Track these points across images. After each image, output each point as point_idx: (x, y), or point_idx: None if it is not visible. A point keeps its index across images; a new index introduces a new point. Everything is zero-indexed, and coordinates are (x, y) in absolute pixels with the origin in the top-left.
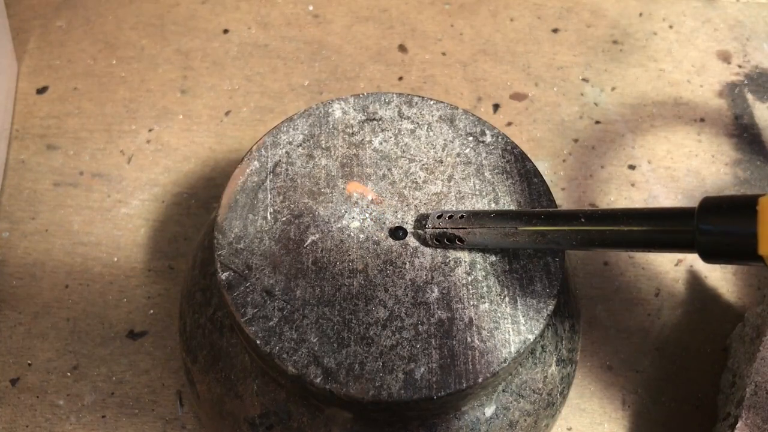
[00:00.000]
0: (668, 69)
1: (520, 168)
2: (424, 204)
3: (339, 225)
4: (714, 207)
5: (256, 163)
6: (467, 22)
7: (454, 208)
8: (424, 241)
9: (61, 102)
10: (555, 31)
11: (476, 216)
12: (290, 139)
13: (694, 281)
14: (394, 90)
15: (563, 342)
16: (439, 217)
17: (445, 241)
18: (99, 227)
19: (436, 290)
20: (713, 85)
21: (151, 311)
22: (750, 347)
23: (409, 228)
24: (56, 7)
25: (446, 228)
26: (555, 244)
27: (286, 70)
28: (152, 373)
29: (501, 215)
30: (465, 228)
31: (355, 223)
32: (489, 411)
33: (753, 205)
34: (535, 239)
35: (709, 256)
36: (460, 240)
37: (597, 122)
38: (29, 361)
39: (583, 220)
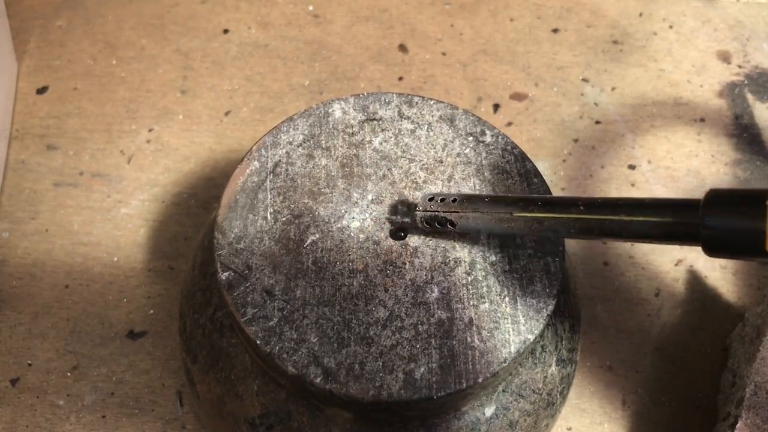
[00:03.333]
0: (668, 69)
1: (520, 168)
2: None
3: (339, 225)
4: (721, 201)
5: (256, 163)
6: (467, 22)
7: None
8: (413, 225)
9: (61, 102)
10: (555, 31)
11: (470, 200)
12: (290, 139)
13: (694, 281)
14: (394, 90)
15: (563, 342)
16: (430, 199)
17: (435, 224)
18: (99, 227)
19: (436, 290)
20: (713, 85)
21: (151, 311)
22: (750, 347)
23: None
24: (56, 7)
25: (437, 211)
26: (552, 231)
27: (286, 70)
28: (152, 373)
29: (496, 200)
30: (458, 212)
31: (355, 223)
32: (489, 411)
33: (762, 200)
34: (532, 226)
35: (713, 250)
36: (452, 224)
37: (597, 122)
38: (29, 361)
39: (582, 207)
